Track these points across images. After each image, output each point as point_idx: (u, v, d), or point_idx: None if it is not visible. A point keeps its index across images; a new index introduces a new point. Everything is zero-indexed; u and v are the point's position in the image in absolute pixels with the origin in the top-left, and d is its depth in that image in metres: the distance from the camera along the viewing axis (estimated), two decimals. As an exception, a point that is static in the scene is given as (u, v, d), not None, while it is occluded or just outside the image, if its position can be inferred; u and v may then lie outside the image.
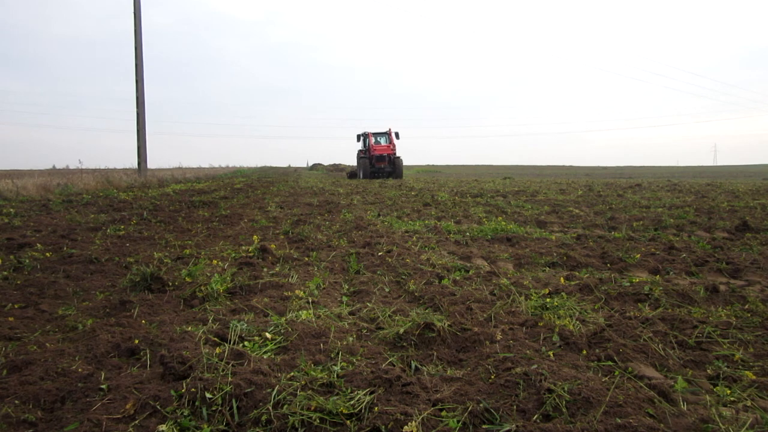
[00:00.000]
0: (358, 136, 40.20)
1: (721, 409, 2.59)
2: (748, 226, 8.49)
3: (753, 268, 5.67)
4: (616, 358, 3.19)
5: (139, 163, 26.79)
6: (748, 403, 2.69)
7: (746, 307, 4.25)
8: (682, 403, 2.65)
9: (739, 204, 12.69)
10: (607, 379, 2.90)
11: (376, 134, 39.00)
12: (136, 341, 3.43)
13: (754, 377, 2.98)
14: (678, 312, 4.09)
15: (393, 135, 37.99)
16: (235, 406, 2.53)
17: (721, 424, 2.38)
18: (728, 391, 2.81)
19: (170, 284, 4.87)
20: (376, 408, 2.49)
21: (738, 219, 9.38)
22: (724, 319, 3.94)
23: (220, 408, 2.52)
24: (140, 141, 26.36)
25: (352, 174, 40.33)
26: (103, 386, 2.83)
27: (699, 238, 7.71)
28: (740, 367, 3.17)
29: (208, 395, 2.57)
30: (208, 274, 5.07)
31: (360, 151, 39.35)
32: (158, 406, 2.57)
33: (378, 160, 37.13)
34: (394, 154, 37.55)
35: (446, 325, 3.58)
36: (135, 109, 25.95)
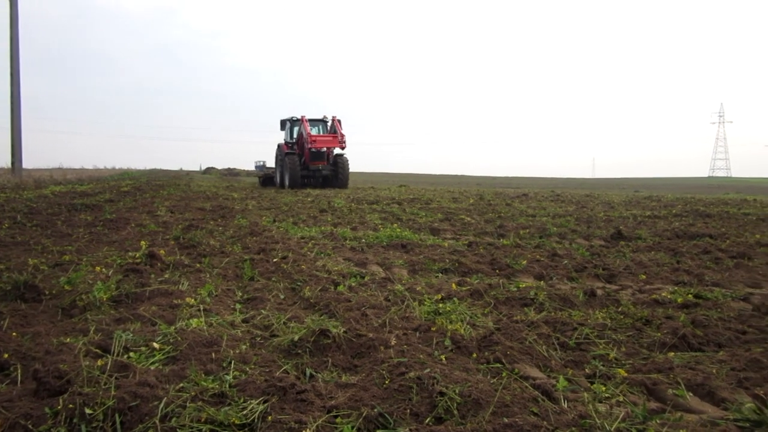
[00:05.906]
0: (283, 123, 27.09)
1: (597, 405, 2.77)
2: (621, 234, 9.14)
3: (626, 274, 6.14)
4: (503, 360, 3.33)
5: (12, 163, 24.84)
6: (621, 399, 2.91)
7: (620, 309, 4.59)
8: (563, 401, 2.81)
9: (614, 214, 13.58)
10: (495, 380, 3.02)
11: (312, 121, 25.62)
12: (6, 355, 3.15)
13: (626, 374, 3.21)
14: (560, 315, 4.34)
15: (338, 123, 25.07)
16: (118, 421, 2.39)
17: (597, 419, 2.55)
18: (603, 388, 3.02)
19: (47, 293, 4.54)
20: (269, 417, 2.45)
21: (613, 228, 10.01)
22: (600, 321, 4.23)
23: (101, 424, 2.37)
24: (14, 139, 24.46)
25: (267, 180, 27.92)
26: (-35, 405, 2.58)
27: (579, 246, 8.20)
28: (614, 365, 3.42)
29: (87, 411, 2.41)
30: (90, 282, 4.77)
31: (284, 144, 26.42)
32: (30, 426, 2.38)
33: (315, 158, 24.51)
34: (343, 147, 24.84)
35: (341, 331, 3.58)
36: (9, 105, 24.07)
